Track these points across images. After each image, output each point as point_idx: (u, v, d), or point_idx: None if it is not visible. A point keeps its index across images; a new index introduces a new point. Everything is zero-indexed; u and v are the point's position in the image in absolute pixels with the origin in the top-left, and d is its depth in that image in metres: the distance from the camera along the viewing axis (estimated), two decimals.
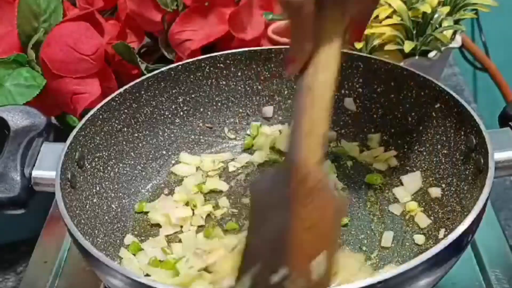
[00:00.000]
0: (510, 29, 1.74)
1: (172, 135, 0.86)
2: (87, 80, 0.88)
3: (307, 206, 0.59)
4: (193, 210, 0.78)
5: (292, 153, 0.61)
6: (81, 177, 0.73)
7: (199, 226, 0.77)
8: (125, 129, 0.81)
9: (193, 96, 0.86)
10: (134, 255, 0.73)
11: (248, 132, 0.89)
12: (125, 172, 0.81)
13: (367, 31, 0.87)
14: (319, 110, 0.61)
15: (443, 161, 0.75)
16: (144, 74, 0.85)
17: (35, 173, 0.69)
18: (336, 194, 0.62)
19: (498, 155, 0.65)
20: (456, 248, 0.59)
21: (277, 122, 0.89)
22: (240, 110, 0.89)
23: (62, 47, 0.86)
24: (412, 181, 0.78)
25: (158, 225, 0.77)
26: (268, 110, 0.89)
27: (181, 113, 0.86)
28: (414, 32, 0.87)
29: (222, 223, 0.77)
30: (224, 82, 0.87)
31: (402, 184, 0.79)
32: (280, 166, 0.65)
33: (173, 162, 0.86)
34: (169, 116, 0.85)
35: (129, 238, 0.75)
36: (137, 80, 0.82)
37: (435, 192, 0.75)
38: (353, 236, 0.73)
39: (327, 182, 0.61)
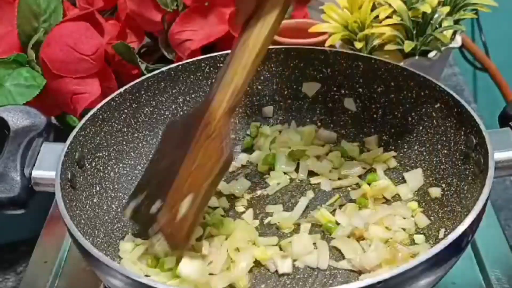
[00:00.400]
0: (510, 29, 1.74)
1: None
2: (87, 80, 0.88)
3: (199, 150, 0.65)
4: None
5: (207, 98, 0.67)
6: (81, 177, 0.73)
7: None
8: (125, 129, 0.81)
9: (193, 96, 0.86)
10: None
11: (248, 132, 0.89)
12: (125, 172, 0.81)
13: (367, 31, 0.87)
14: (242, 65, 0.66)
15: (443, 161, 0.75)
16: (144, 74, 0.85)
17: (35, 173, 0.69)
18: (227, 148, 0.66)
19: (498, 155, 0.65)
20: (456, 248, 0.59)
21: (277, 122, 0.89)
22: (240, 110, 0.89)
23: (62, 47, 0.86)
24: (414, 178, 0.78)
25: None
26: (268, 110, 0.89)
27: (181, 113, 0.86)
28: (414, 32, 0.87)
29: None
30: None
31: (404, 181, 0.79)
32: (195, 109, 0.70)
33: None
34: (169, 116, 0.85)
35: (129, 238, 0.75)
36: (137, 80, 0.82)
37: (435, 192, 0.75)
38: None
39: (224, 134, 0.66)
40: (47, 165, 0.69)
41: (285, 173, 0.83)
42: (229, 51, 0.84)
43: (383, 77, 0.81)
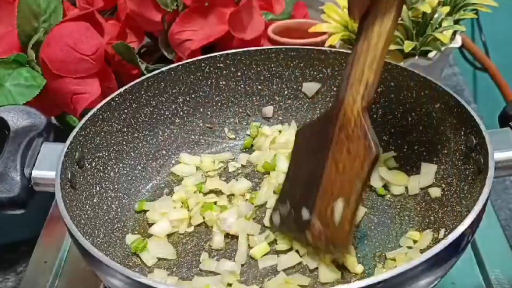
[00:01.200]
0: (510, 29, 1.74)
1: (172, 135, 0.86)
2: (87, 80, 0.88)
3: (342, 152, 0.63)
4: (190, 211, 0.78)
5: (338, 99, 0.65)
6: (81, 177, 0.73)
7: (196, 226, 0.77)
8: (125, 129, 0.81)
9: (193, 96, 0.86)
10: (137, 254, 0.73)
11: (248, 132, 0.89)
12: (125, 172, 0.81)
13: None
14: (370, 60, 0.64)
15: (443, 161, 0.75)
16: (144, 74, 0.85)
17: (35, 173, 0.69)
18: (372, 145, 0.63)
19: (498, 155, 0.65)
20: (456, 248, 0.59)
21: (277, 122, 0.89)
22: (240, 110, 0.89)
23: (62, 47, 0.86)
24: (427, 173, 0.77)
25: None
26: (268, 110, 0.89)
27: (181, 113, 0.86)
28: (414, 32, 0.87)
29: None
30: (224, 82, 0.87)
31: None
32: (326, 112, 0.68)
33: (173, 162, 0.86)
34: (169, 116, 0.85)
35: (129, 238, 0.75)
36: (137, 80, 0.82)
37: (435, 192, 0.75)
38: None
39: (365, 131, 0.63)
40: (47, 165, 0.69)
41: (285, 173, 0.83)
42: (229, 51, 0.85)
43: (383, 77, 0.81)
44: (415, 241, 0.71)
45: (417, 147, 0.79)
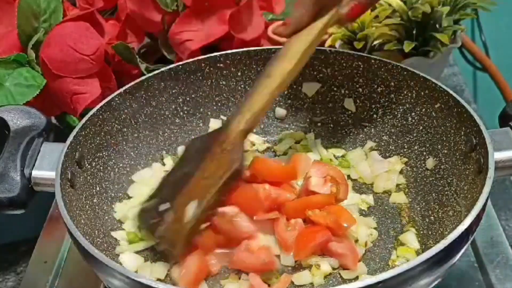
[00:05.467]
0: (510, 29, 1.74)
1: (172, 135, 0.86)
2: (87, 80, 0.88)
3: (212, 161, 0.71)
4: None
5: (228, 121, 0.74)
6: (81, 177, 0.73)
7: None
8: (125, 129, 0.81)
9: (193, 96, 0.86)
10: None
11: None
12: (125, 172, 0.81)
13: (367, 31, 0.87)
14: (264, 95, 0.72)
15: (443, 161, 0.75)
16: (144, 74, 0.85)
17: (35, 173, 0.69)
18: (238, 161, 0.71)
19: (498, 155, 0.65)
20: (456, 248, 0.59)
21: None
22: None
23: (62, 47, 0.86)
24: None
25: None
26: (281, 112, 0.89)
27: (181, 113, 0.86)
28: (414, 32, 0.87)
29: None
30: (224, 82, 0.87)
31: None
32: (215, 130, 0.77)
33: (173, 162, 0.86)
34: (169, 116, 0.85)
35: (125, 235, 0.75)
36: (137, 80, 0.82)
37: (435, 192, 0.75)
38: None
39: (237, 149, 0.72)
40: (47, 165, 0.69)
41: None
42: (229, 51, 0.85)
43: (383, 77, 0.81)
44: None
45: (417, 147, 0.79)
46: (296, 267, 0.70)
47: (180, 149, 0.86)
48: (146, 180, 0.80)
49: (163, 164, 0.83)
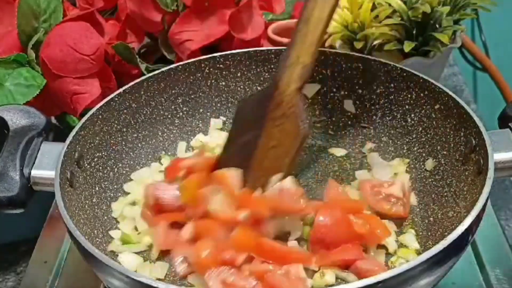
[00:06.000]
0: (510, 29, 1.74)
1: (172, 136, 0.86)
2: (87, 80, 0.88)
3: (276, 127, 0.67)
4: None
5: (276, 79, 0.69)
6: (81, 177, 0.73)
7: None
8: (125, 129, 0.81)
9: (192, 96, 0.86)
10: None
11: None
12: (124, 172, 0.81)
13: (367, 31, 0.87)
14: (307, 44, 0.68)
15: (443, 162, 0.75)
16: (144, 74, 0.85)
17: (34, 172, 0.69)
18: (301, 124, 0.68)
19: (498, 156, 0.65)
20: (456, 248, 0.59)
21: None
22: None
23: (62, 47, 0.86)
24: None
25: None
26: None
27: (181, 113, 0.86)
28: (414, 32, 0.87)
29: None
30: (223, 83, 0.87)
31: None
32: (265, 89, 0.72)
33: None
34: (169, 116, 0.85)
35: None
36: (137, 80, 0.82)
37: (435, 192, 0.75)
38: None
39: (298, 111, 0.68)
40: (47, 165, 0.69)
41: None
42: (229, 52, 0.85)
43: (383, 78, 0.81)
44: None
45: (416, 148, 0.79)
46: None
47: (181, 146, 0.86)
48: (144, 179, 0.80)
49: (161, 164, 0.83)
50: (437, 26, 0.87)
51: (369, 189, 0.75)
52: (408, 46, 0.85)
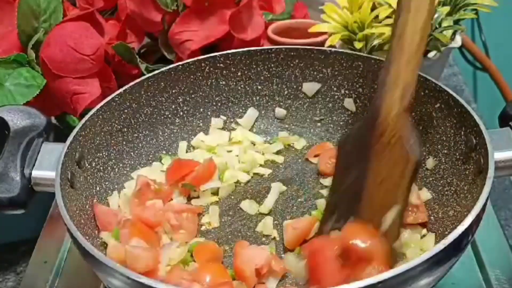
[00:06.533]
0: (510, 29, 1.74)
1: (172, 135, 0.86)
2: (87, 80, 0.88)
3: (382, 160, 0.61)
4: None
5: (375, 106, 0.63)
6: (81, 177, 0.73)
7: None
8: (125, 129, 0.81)
9: (193, 96, 0.86)
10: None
11: None
12: (125, 172, 0.81)
13: (367, 31, 0.87)
14: (405, 59, 0.62)
15: (443, 161, 0.75)
16: (144, 74, 0.85)
17: (35, 173, 0.69)
18: (410, 149, 0.62)
19: (498, 155, 0.65)
20: (456, 248, 0.59)
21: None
22: (240, 111, 0.89)
23: (62, 47, 0.86)
24: None
25: None
26: (281, 112, 0.89)
27: (181, 113, 0.86)
28: None
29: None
30: (224, 82, 0.87)
31: None
32: (365, 120, 0.66)
33: None
34: (169, 116, 0.85)
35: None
36: (137, 80, 0.82)
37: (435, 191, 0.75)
38: None
39: (403, 136, 0.62)
40: (47, 165, 0.69)
41: None
42: (229, 51, 0.85)
43: None
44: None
45: None
46: None
47: (181, 146, 0.86)
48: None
49: (162, 164, 0.83)
50: (437, 26, 0.87)
51: None
52: None
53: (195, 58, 0.85)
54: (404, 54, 0.63)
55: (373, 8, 0.88)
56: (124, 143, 0.81)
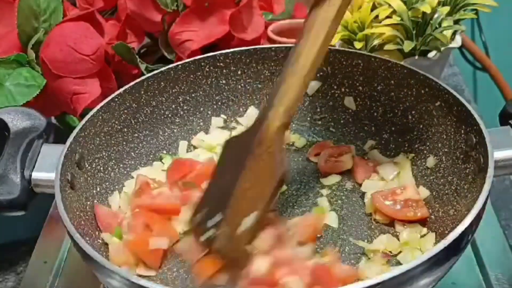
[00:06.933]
0: (510, 29, 1.74)
1: (173, 135, 0.86)
2: (87, 80, 0.88)
3: (253, 167, 0.65)
4: None
5: (261, 116, 0.67)
6: (81, 178, 0.72)
7: None
8: (125, 129, 0.81)
9: (193, 95, 0.86)
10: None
11: None
12: (125, 172, 0.80)
13: (367, 31, 0.87)
14: (293, 85, 0.66)
15: (443, 159, 0.75)
16: (144, 74, 0.85)
17: (35, 174, 0.69)
18: (279, 164, 0.67)
19: (498, 154, 0.65)
20: (456, 248, 0.59)
21: None
22: (241, 110, 0.89)
23: (62, 47, 0.86)
24: None
25: None
26: None
27: (181, 112, 0.86)
28: (414, 32, 0.87)
29: None
30: (224, 81, 0.87)
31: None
32: (250, 127, 0.69)
33: None
34: (170, 115, 0.85)
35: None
36: (137, 80, 0.82)
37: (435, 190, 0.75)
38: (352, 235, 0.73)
39: (277, 151, 0.66)
40: (47, 167, 0.69)
41: None
42: (229, 50, 0.85)
43: (383, 75, 0.81)
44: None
45: (417, 145, 0.79)
46: None
47: (182, 145, 0.86)
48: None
49: (163, 163, 0.83)
50: (437, 26, 0.87)
51: (384, 200, 0.74)
52: (408, 46, 0.85)
53: (195, 58, 0.85)
54: (296, 79, 0.66)
55: (373, 8, 0.88)
56: (124, 143, 0.81)
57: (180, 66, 0.84)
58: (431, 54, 0.89)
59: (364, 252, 0.71)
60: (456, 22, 0.89)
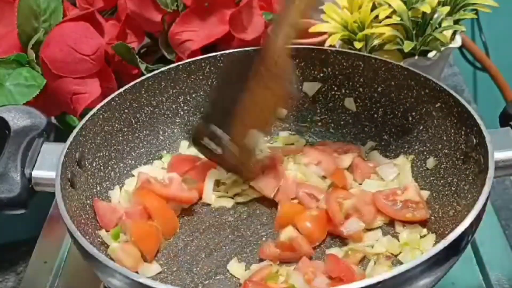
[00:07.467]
0: (510, 29, 1.74)
1: (173, 135, 0.86)
2: (87, 80, 0.88)
3: (262, 84, 0.69)
4: None
5: (268, 38, 0.71)
6: (82, 177, 0.73)
7: None
8: (126, 129, 0.81)
9: (193, 95, 0.86)
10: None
11: None
12: (125, 172, 0.81)
13: (367, 31, 0.87)
14: (304, 5, 0.70)
15: (444, 160, 0.75)
16: (144, 74, 0.85)
17: (35, 173, 0.69)
18: (289, 86, 0.71)
19: (498, 155, 0.65)
20: (456, 248, 0.59)
21: (277, 121, 0.89)
22: None
23: (62, 47, 0.86)
24: None
25: None
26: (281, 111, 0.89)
27: (182, 112, 0.86)
28: (414, 32, 0.87)
29: None
30: None
31: None
32: (259, 48, 0.74)
33: None
34: (170, 115, 0.86)
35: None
36: (137, 80, 0.82)
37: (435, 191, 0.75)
38: None
39: (286, 72, 0.70)
40: (48, 165, 0.69)
41: None
42: (229, 51, 0.85)
43: (384, 77, 0.81)
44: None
45: (417, 146, 0.79)
46: None
47: (182, 145, 0.86)
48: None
49: (163, 162, 0.83)
50: (437, 26, 0.87)
51: (384, 200, 0.74)
52: (408, 46, 0.85)
53: (195, 58, 0.85)
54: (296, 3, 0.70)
55: (373, 8, 0.88)
56: (124, 142, 0.81)
57: (180, 66, 0.84)
58: (431, 54, 0.89)
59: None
60: (456, 22, 0.88)
